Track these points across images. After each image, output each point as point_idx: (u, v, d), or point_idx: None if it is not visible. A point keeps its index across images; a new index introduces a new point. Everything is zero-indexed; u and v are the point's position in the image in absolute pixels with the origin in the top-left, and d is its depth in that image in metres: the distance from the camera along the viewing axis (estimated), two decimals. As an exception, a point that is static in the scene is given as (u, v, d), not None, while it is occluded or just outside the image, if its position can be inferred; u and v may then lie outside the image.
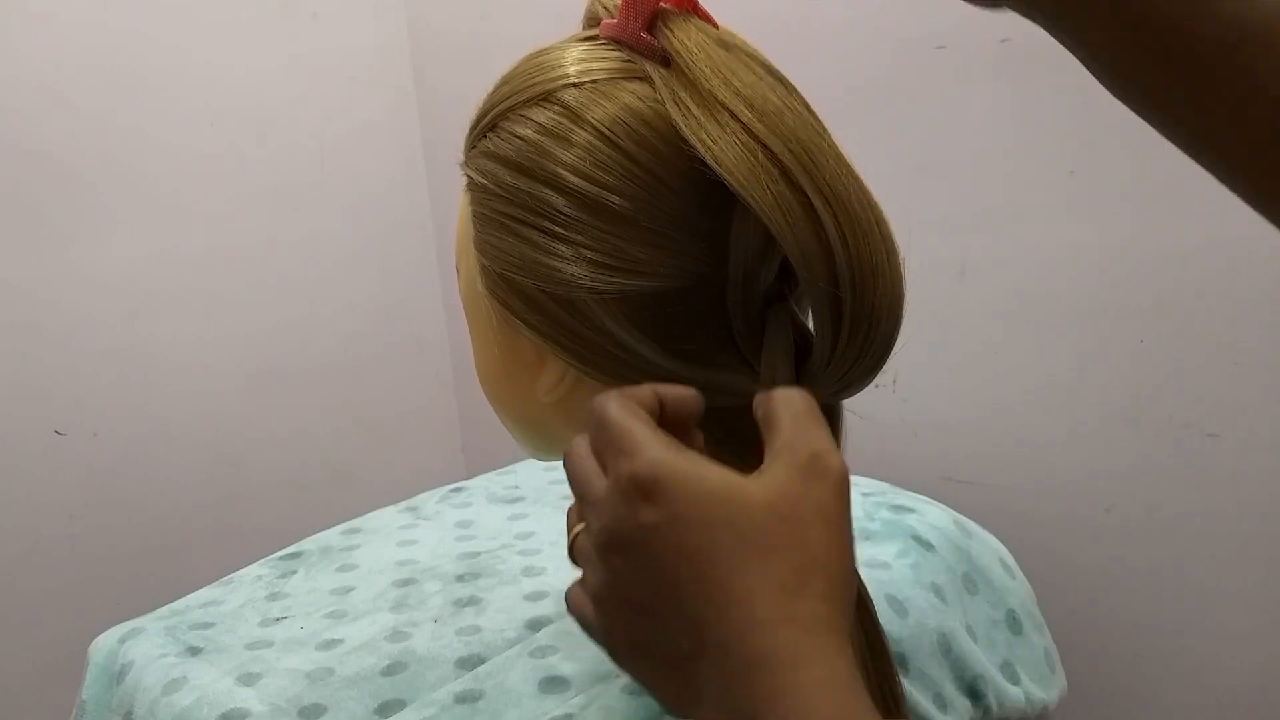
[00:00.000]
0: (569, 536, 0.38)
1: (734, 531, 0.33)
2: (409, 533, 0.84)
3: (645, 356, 0.44)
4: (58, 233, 1.25)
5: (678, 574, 0.33)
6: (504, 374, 0.51)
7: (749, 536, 0.33)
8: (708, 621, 0.32)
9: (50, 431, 1.26)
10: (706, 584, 0.32)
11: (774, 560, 0.32)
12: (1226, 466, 0.83)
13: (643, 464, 0.34)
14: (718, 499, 0.33)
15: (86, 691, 0.68)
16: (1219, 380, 0.83)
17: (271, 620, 0.69)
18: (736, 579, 0.32)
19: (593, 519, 0.35)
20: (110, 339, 1.30)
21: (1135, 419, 0.87)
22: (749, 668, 0.31)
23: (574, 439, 0.38)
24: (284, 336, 1.47)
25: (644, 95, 0.43)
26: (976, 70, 0.91)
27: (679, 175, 0.42)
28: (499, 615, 0.67)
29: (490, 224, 0.46)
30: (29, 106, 1.21)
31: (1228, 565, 0.84)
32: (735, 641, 0.31)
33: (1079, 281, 0.89)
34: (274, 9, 1.42)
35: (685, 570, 0.33)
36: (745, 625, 0.32)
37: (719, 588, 0.32)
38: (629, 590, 0.34)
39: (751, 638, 0.31)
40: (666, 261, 0.43)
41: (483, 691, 0.56)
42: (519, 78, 0.47)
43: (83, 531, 1.29)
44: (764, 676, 0.31)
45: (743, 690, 0.31)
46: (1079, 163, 0.87)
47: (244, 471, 1.44)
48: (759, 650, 0.31)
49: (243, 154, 1.41)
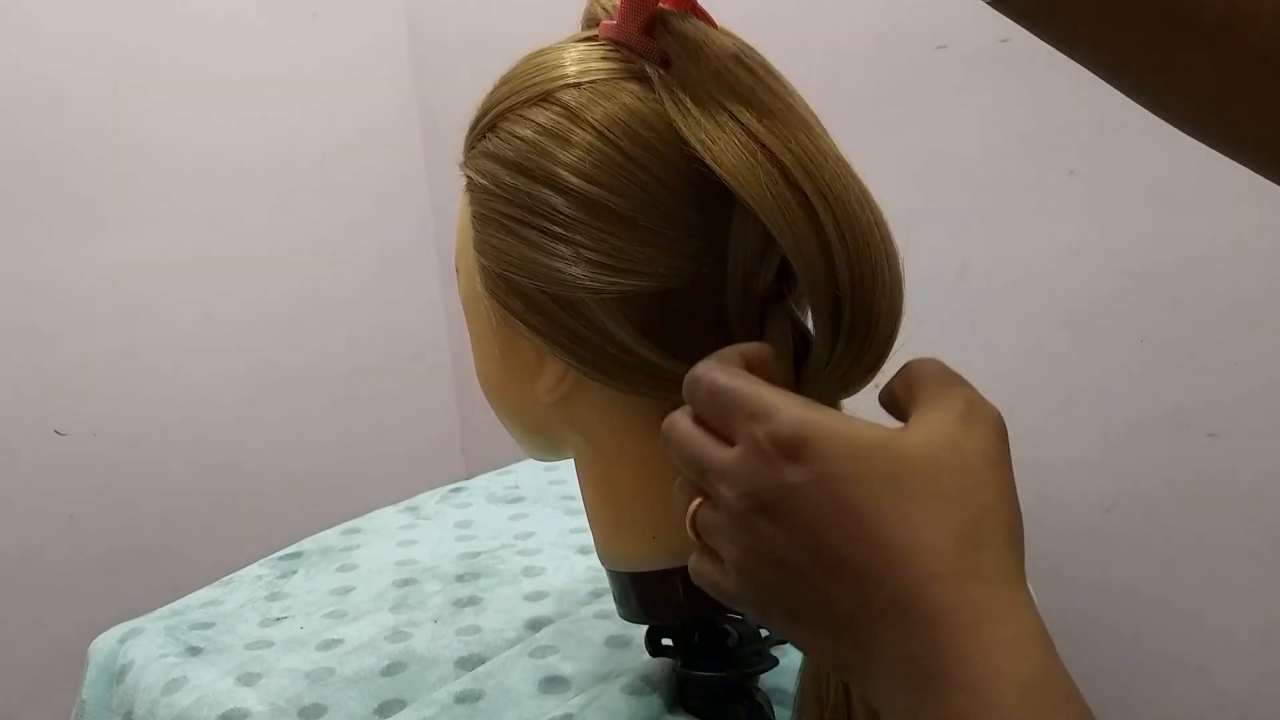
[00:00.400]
0: (685, 514, 0.37)
1: (895, 484, 0.31)
2: (409, 533, 0.84)
3: (644, 356, 0.44)
4: (58, 233, 1.25)
5: (836, 532, 0.31)
6: (504, 375, 0.51)
7: (913, 487, 0.31)
8: (876, 579, 0.31)
9: (50, 431, 1.26)
10: (871, 540, 0.31)
11: (946, 511, 0.31)
12: (1226, 467, 0.83)
13: (784, 424, 0.32)
14: (873, 453, 0.32)
15: (87, 691, 0.68)
16: (1219, 380, 0.83)
17: (271, 620, 0.69)
18: (906, 532, 0.31)
19: (724, 488, 0.34)
20: (111, 339, 1.30)
21: (1135, 419, 0.87)
22: (930, 626, 0.30)
23: (670, 417, 0.37)
24: (284, 337, 1.48)
25: (643, 96, 0.43)
26: (976, 70, 0.91)
27: (678, 175, 0.42)
28: (499, 615, 0.67)
29: (490, 224, 0.46)
30: (29, 107, 1.21)
31: (1228, 565, 0.84)
32: (912, 598, 0.30)
33: (1079, 281, 0.89)
34: (274, 9, 1.42)
35: (844, 528, 0.31)
36: (922, 580, 0.30)
37: (886, 543, 0.31)
38: (779, 554, 0.33)
39: (930, 593, 0.30)
40: (665, 261, 0.43)
41: (483, 691, 0.56)
42: (518, 78, 0.47)
43: (83, 531, 1.29)
44: (948, 635, 0.29)
45: (924, 649, 0.30)
46: (1079, 163, 0.87)
47: (244, 472, 1.44)
48: (940, 607, 0.30)
49: (243, 154, 1.41)
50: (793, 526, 0.32)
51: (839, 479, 0.32)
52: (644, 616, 0.53)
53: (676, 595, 0.51)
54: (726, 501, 0.34)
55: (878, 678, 0.32)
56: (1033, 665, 0.29)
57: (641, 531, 0.51)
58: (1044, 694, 0.29)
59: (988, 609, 0.30)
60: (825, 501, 0.32)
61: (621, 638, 0.61)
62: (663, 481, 0.49)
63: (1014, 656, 0.29)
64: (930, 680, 0.30)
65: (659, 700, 0.54)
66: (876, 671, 0.32)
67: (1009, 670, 0.29)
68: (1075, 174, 0.87)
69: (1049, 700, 0.29)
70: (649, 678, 0.55)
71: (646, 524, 0.50)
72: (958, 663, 0.29)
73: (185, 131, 1.34)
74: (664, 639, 0.56)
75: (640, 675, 0.55)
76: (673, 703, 0.54)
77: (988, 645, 0.29)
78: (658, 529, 0.50)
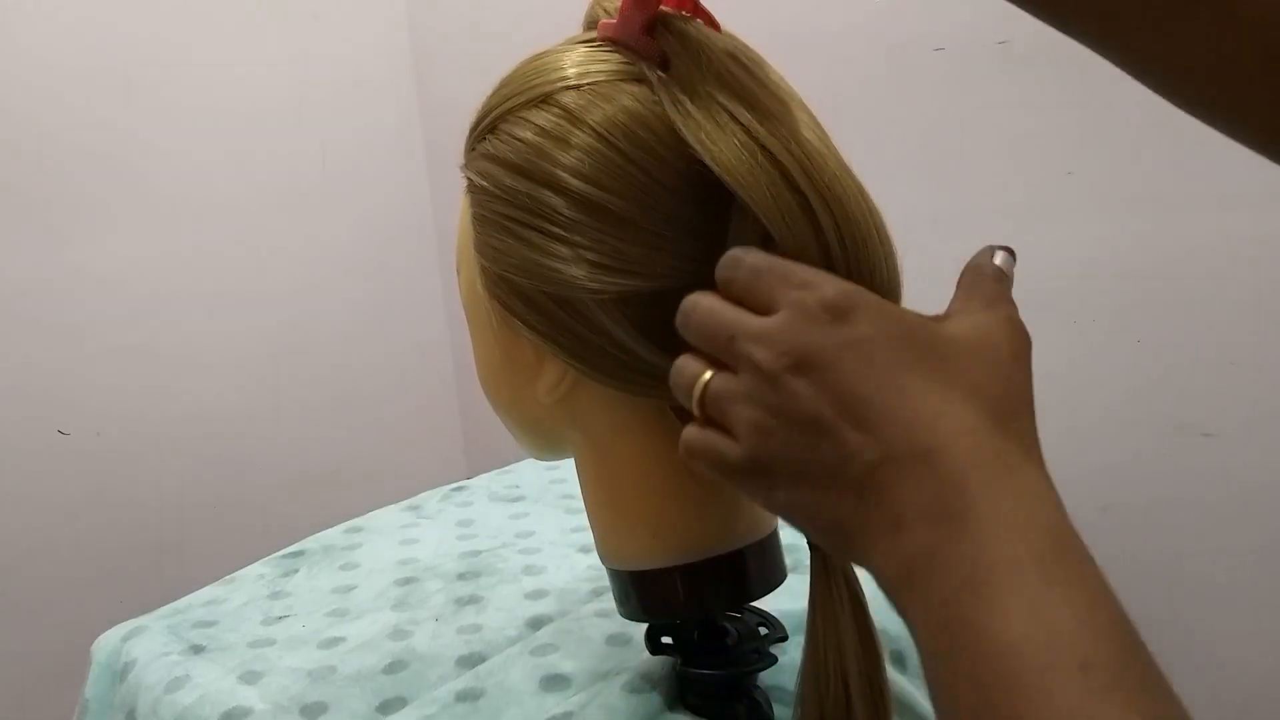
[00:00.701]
0: (693, 388, 0.38)
1: (935, 354, 0.34)
2: (410, 531, 0.84)
3: (644, 357, 0.45)
4: (60, 233, 1.25)
5: (874, 386, 0.33)
6: (504, 375, 0.52)
7: (951, 360, 0.34)
8: (908, 429, 0.32)
9: (53, 431, 1.26)
10: (907, 395, 0.33)
11: (980, 383, 0.33)
12: (1224, 466, 0.84)
13: (833, 290, 0.35)
14: (916, 325, 0.35)
15: (89, 690, 0.68)
16: (1217, 380, 0.83)
17: (273, 619, 0.69)
18: (944, 391, 0.33)
19: (759, 349, 0.35)
20: (113, 339, 1.30)
21: (1133, 418, 0.88)
22: (961, 471, 0.32)
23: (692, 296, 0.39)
24: (287, 336, 1.48)
25: (643, 97, 0.43)
26: (976, 71, 0.91)
27: (677, 176, 0.43)
28: (500, 614, 0.67)
29: (490, 226, 0.47)
30: (29, 107, 1.21)
31: (1225, 565, 0.84)
32: (946, 446, 0.32)
33: (1078, 281, 0.89)
34: (275, 9, 1.42)
35: (883, 383, 0.33)
36: (957, 432, 0.32)
37: (923, 399, 0.33)
38: (807, 409, 0.34)
39: (965, 443, 0.32)
40: (665, 262, 0.43)
41: (483, 690, 0.56)
42: (518, 80, 0.47)
43: (85, 530, 1.29)
44: (979, 477, 0.31)
45: (952, 492, 0.31)
46: (1079, 163, 0.87)
47: (246, 471, 1.44)
48: (974, 454, 0.32)
49: (244, 154, 1.41)
50: (829, 382, 0.34)
51: (882, 341, 0.34)
52: (644, 615, 0.53)
53: (676, 594, 0.51)
54: (759, 362, 0.35)
55: (885, 532, 0.33)
56: (1056, 515, 0.32)
57: (642, 530, 0.51)
58: (1066, 539, 0.31)
59: (1017, 463, 0.32)
60: (867, 358, 0.34)
61: (622, 636, 0.61)
62: (663, 480, 0.50)
63: (1040, 505, 0.32)
64: (955, 520, 0.31)
65: (659, 698, 0.54)
66: (884, 524, 0.33)
67: (1035, 514, 0.31)
68: (1075, 174, 0.88)
69: (1070, 544, 0.31)
70: (649, 676, 0.55)
71: (647, 523, 0.51)
72: (987, 502, 0.31)
73: (186, 131, 1.35)
74: (664, 637, 0.56)
75: (640, 673, 0.55)
76: (673, 700, 0.54)
77: (1017, 491, 0.31)
78: (658, 528, 0.50)
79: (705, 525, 0.50)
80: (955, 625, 0.30)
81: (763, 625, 0.57)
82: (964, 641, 0.30)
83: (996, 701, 0.28)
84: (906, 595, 0.32)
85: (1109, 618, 0.30)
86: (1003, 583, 0.30)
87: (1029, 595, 0.29)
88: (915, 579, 0.32)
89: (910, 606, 0.32)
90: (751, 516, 0.51)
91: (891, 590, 0.33)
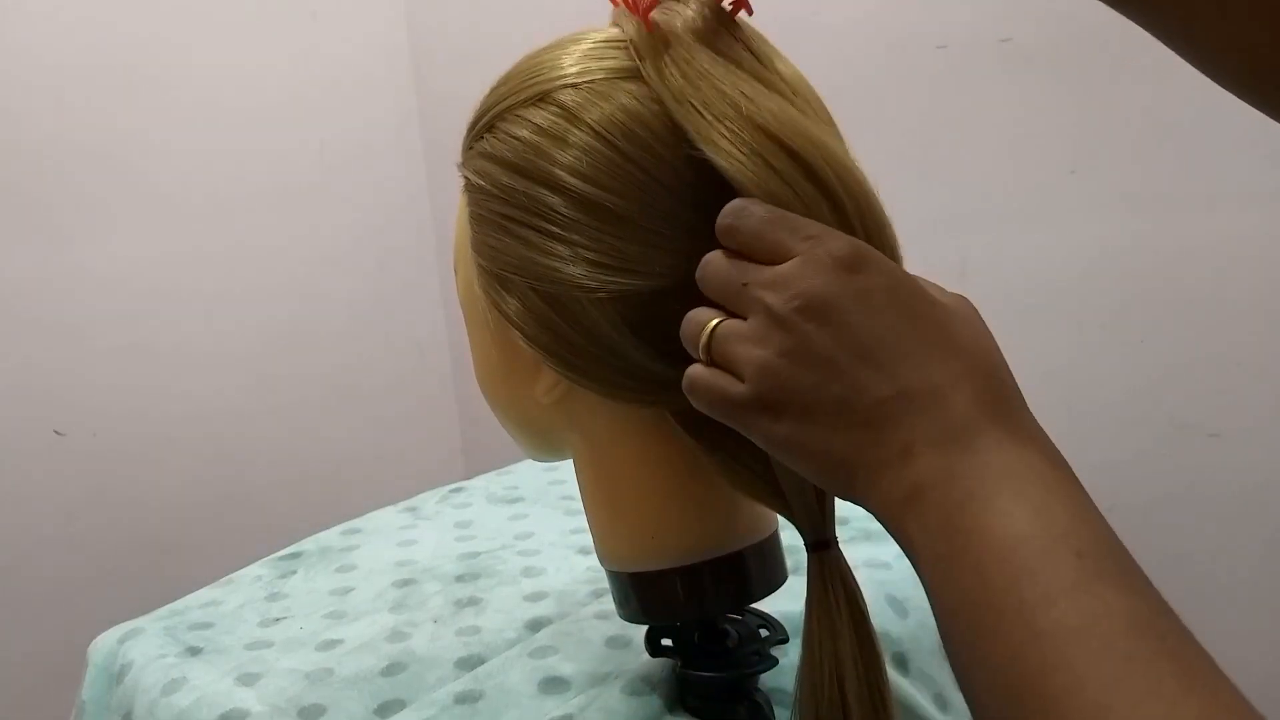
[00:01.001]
0: (701, 332, 0.40)
1: (936, 312, 0.37)
2: (409, 533, 0.84)
3: (639, 363, 0.44)
4: (58, 233, 1.25)
5: (883, 327, 0.36)
6: (502, 375, 0.51)
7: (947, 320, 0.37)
8: (918, 366, 0.35)
9: (50, 431, 1.26)
10: (917, 336, 0.36)
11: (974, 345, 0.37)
12: (1227, 466, 0.83)
13: (844, 243, 0.37)
14: (915, 285, 0.37)
15: (86, 692, 0.68)
16: (1219, 380, 0.83)
17: (271, 620, 0.69)
18: (950, 342, 0.36)
19: (770, 294, 0.37)
20: (110, 339, 1.30)
21: (1135, 419, 0.88)
22: (972, 403, 0.35)
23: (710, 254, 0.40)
24: (284, 337, 1.48)
25: (641, 96, 0.43)
26: (976, 70, 0.91)
27: (676, 175, 0.42)
28: (498, 616, 0.67)
29: (487, 225, 0.46)
30: (29, 106, 1.21)
31: (1227, 565, 0.84)
32: (954, 382, 0.35)
33: (1079, 281, 0.89)
34: (274, 8, 1.42)
35: (893, 324, 0.36)
36: (965, 373, 0.35)
37: (932, 341, 0.36)
38: (816, 350, 0.36)
39: (974, 383, 0.35)
40: (663, 260, 0.43)
41: (482, 692, 0.56)
42: (516, 78, 0.47)
43: (82, 531, 1.29)
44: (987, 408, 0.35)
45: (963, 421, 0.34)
46: (1079, 163, 0.87)
47: (244, 471, 1.44)
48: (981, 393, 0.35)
49: (242, 153, 1.41)
50: (842, 324, 0.36)
51: (891, 291, 0.37)
52: (644, 617, 0.53)
53: (676, 595, 0.51)
54: (770, 304, 0.37)
55: (891, 464, 0.35)
56: (1050, 445, 0.35)
57: (641, 532, 0.51)
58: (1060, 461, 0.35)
59: (1016, 406, 0.36)
60: (878, 305, 0.36)
61: (621, 638, 0.61)
62: (663, 482, 0.50)
63: (1038, 435, 0.35)
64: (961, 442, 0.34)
65: (659, 701, 0.54)
66: (891, 456, 0.35)
67: (1034, 440, 0.35)
68: (1075, 174, 0.88)
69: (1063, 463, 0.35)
70: (649, 678, 0.55)
71: (646, 524, 0.50)
72: (993, 430, 0.34)
73: (184, 130, 1.34)
74: (664, 639, 0.56)
75: (640, 676, 0.55)
76: (672, 703, 0.54)
77: (1018, 423, 0.35)
78: (657, 529, 0.50)
79: (705, 526, 0.50)
80: (961, 531, 0.33)
81: (763, 627, 0.57)
82: (969, 541, 0.32)
83: (1001, 586, 0.31)
84: (910, 515, 0.35)
85: (1099, 518, 0.33)
86: (1005, 490, 0.33)
87: (1030, 498, 0.33)
88: (921, 498, 0.34)
89: (913, 524, 0.34)
90: (752, 518, 0.51)
91: (894, 515, 0.35)
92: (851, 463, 0.36)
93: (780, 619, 0.57)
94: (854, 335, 0.36)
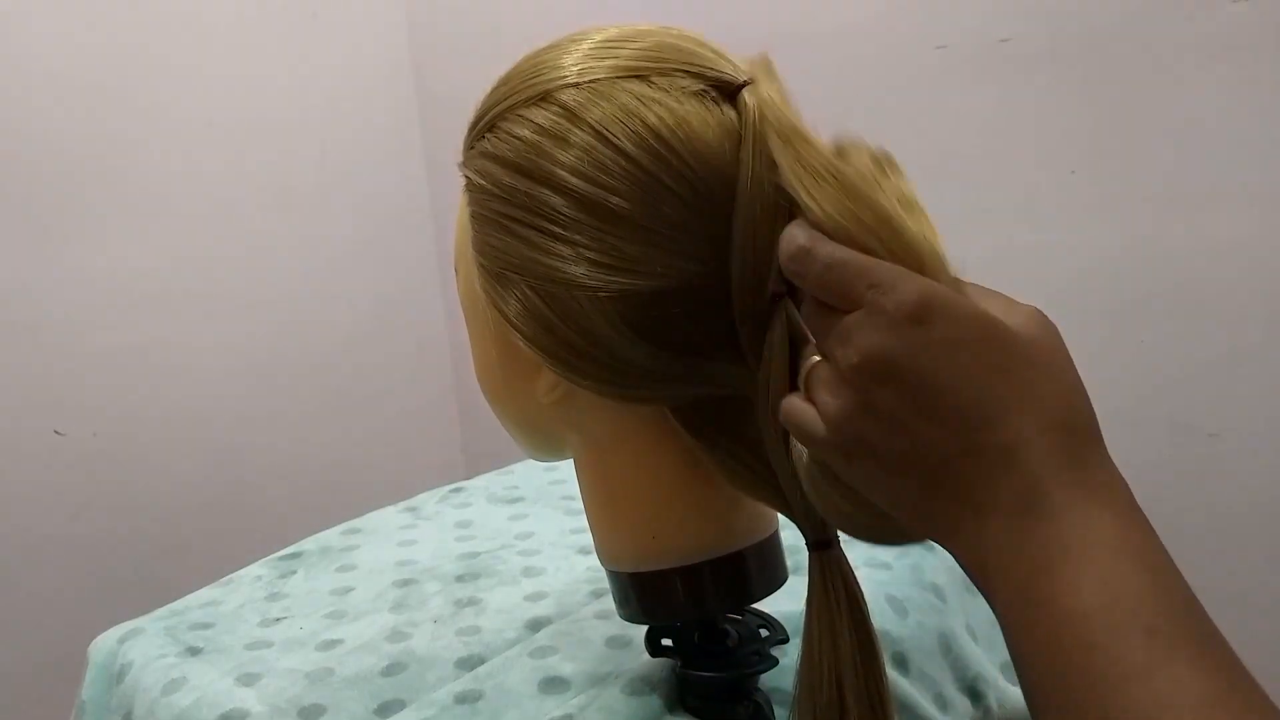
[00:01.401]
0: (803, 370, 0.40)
1: (1013, 355, 0.35)
2: (409, 533, 0.84)
3: (637, 359, 0.44)
4: (58, 234, 1.25)
5: (950, 385, 0.35)
6: (502, 375, 0.51)
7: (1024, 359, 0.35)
8: (986, 426, 0.34)
9: (50, 432, 1.26)
10: (984, 394, 0.34)
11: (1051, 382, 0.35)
12: (1227, 467, 0.83)
13: (910, 292, 0.35)
14: (990, 324, 0.36)
15: (86, 692, 0.68)
16: (1219, 380, 0.83)
17: (271, 620, 0.69)
18: (1026, 392, 0.35)
19: (840, 348, 0.36)
20: (110, 340, 1.30)
21: (1135, 419, 0.87)
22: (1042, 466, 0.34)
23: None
24: (284, 337, 1.48)
25: (642, 95, 0.43)
26: (976, 70, 0.91)
27: (677, 176, 0.42)
28: (499, 616, 0.67)
29: (489, 224, 0.46)
30: (28, 107, 1.21)
31: (1228, 566, 0.84)
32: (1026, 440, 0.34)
33: (1079, 281, 0.89)
34: (274, 8, 1.42)
35: (959, 383, 0.35)
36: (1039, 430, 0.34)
37: (998, 397, 0.34)
38: (884, 408, 0.35)
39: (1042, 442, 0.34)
40: (665, 261, 0.43)
41: (482, 692, 0.56)
42: (517, 78, 0.47)
43: (82, 531, 1.29)
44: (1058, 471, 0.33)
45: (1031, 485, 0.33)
46: (1079, 163, 0.87)
47: (244, 472, 1.44)
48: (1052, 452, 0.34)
49: (242, 154, 1.41)
50: (907, 383, 0.35)
51: (959, 342, 0.35)
52: (644, 617, 0.53)
53: (676, 595, 0.51)
54: (839, 359, 0.37)
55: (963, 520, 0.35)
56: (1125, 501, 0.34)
57: (641, 532, 0.50)
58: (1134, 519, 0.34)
59: (1091, 457, 0.35)
60: (946, 360, 0.35)
61: (621, 638, 0.61)
62: (663, 482, 0.50)
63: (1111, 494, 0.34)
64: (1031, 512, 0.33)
65: (659, 701, 0.54)
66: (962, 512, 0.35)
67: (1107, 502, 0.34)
68: (1075, 174, 0.87)
69: (1138, 521, 0.34)
70: (649, 678, 0.55)
71: (646, 524, 0.50)
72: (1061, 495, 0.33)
73: (185, 131, 1.34)
74: (664, 639, 0.56)
75: (640, 676, 0.55)
76: (672, 703, 0.54)
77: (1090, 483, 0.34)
78: (657, 529, 0.50)
79: (705, 526, 0.50)
80: (1033, 605, 0.32)
81: (764, 627, 0.57)
82: (1040, 616, 0.32)
83: (1073, 664, 0.31)
84: (986, 581, 0.35)
85: (1171, 580, 0.32)
86: (1074, 563, 0.32)
87: (1098, 571, 0.32)
88: (994, 566, 0.34)
89: (990, 590, 0.35)
90: (752, 518, 0.51)
91: (971, 574, 0.36)
92: (926, 515, 0.36)
93: (780, 619, 0.57)
94: (919, 392, 0.35)
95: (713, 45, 0.46)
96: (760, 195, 0.42)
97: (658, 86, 0.43)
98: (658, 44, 0.45)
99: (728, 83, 0.44)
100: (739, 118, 0.43)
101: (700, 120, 0.43)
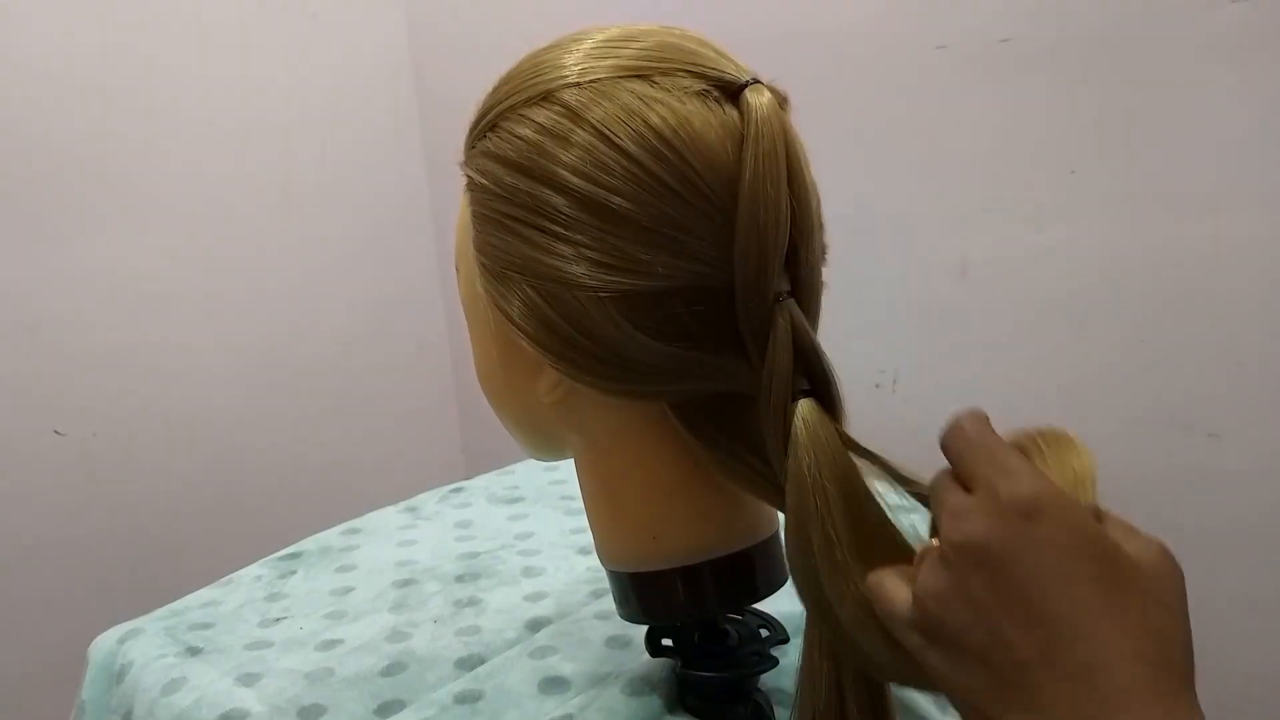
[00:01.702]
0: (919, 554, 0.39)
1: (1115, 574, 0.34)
2: (409, 533, 0.84)
3: (638, 356, 0.44)
4: (58, 234, 1.25)
5: (1042, 590, 0.34)
6: (503, 375, 0.51)
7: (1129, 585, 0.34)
8: (1068, 642, 0.33)
9: (50, 432, 1.26)
10: (1075, 607, 0.33)
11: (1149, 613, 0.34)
12: (1228, 467, 0.83)
13: (1025, 486, 0.35)
14: (1097, 537, 0.35)
15: (86, 692, 0.68)
16: (1220, 381, 0.83)
17: (271, 621, 0.69)
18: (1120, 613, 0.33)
19: (949, 525, 0.36)
20: (110, 340, 1.30)
21: (1135, 419, 0.87)
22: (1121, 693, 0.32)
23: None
24: (284, 337, 1.47)
25: (644, 95, 0.43)
26: (976, 70, 0.91)
27: (679, 176, 0.42)
28: (499, 616, 0.67)
29: (490, 224, 0.46)
30: (28, 107, 1.21)
31: (1229, 567, 0.84)
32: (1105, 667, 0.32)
33: (1079, 281, 0.89)
34: (274, 8, 1.42)
35: (1052, 589, 0.33)
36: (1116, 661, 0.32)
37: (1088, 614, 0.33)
38: (974, 595, 0.35)
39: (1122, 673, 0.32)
40: (667, 261, 0.43)
41: (482, 692, 0.56)
42: (519, 77, 0.46)
43: (82, 531, 1.29)
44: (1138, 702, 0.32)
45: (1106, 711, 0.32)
46: (1079, 163, 0.87)
47: (244, 472, 1.44)
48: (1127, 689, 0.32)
49: (242, 154, 1.41)
50: (1001, 575, 0.34)
51: (1064, 548, 0.34)
52: (644, 617, 0.53)
53: (677, 595, 0.51)
54: (945, 536, 0.36)
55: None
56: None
57: (641, 532, 0.50)
58: None
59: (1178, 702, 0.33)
60: (1046, 562, 0.34)
61: (621, 638, 0.61)
62: (663, 482, 0.50)
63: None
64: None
65: (659, 701, 0.54)
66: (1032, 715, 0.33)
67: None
68: (1075, 174, 0.87)
69: None
70: (649, 678, 0.55)
71: (646, 524, 0.50)
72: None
73: (185, 131, 1.34)
74: (664, 639, 0.56)
75: (640, 676, 0.55)
76: (672, 703, 0.54)
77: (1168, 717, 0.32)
78: (658, 529, 0.50)
79: (706, 527, 0.50)
80: None
81: (764, 627, 0.57)
82: None
83: None
84: None
85: None
86: None
87: None
88: None
89: None
90: (752, 518, 0.51)
91: None
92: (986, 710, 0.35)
93: (781, 619, 0.57)
94: (1010, 588, 0.34)
95: (715, 45, 0.46)
96: (762, 195, 0.42)
97: (660, 86, 0.43)
98: (660, 44, 0.45)
99: (730, 83, 0.44)
100: (741, 118, 0.43)
101: (702, 120, 0.43)
